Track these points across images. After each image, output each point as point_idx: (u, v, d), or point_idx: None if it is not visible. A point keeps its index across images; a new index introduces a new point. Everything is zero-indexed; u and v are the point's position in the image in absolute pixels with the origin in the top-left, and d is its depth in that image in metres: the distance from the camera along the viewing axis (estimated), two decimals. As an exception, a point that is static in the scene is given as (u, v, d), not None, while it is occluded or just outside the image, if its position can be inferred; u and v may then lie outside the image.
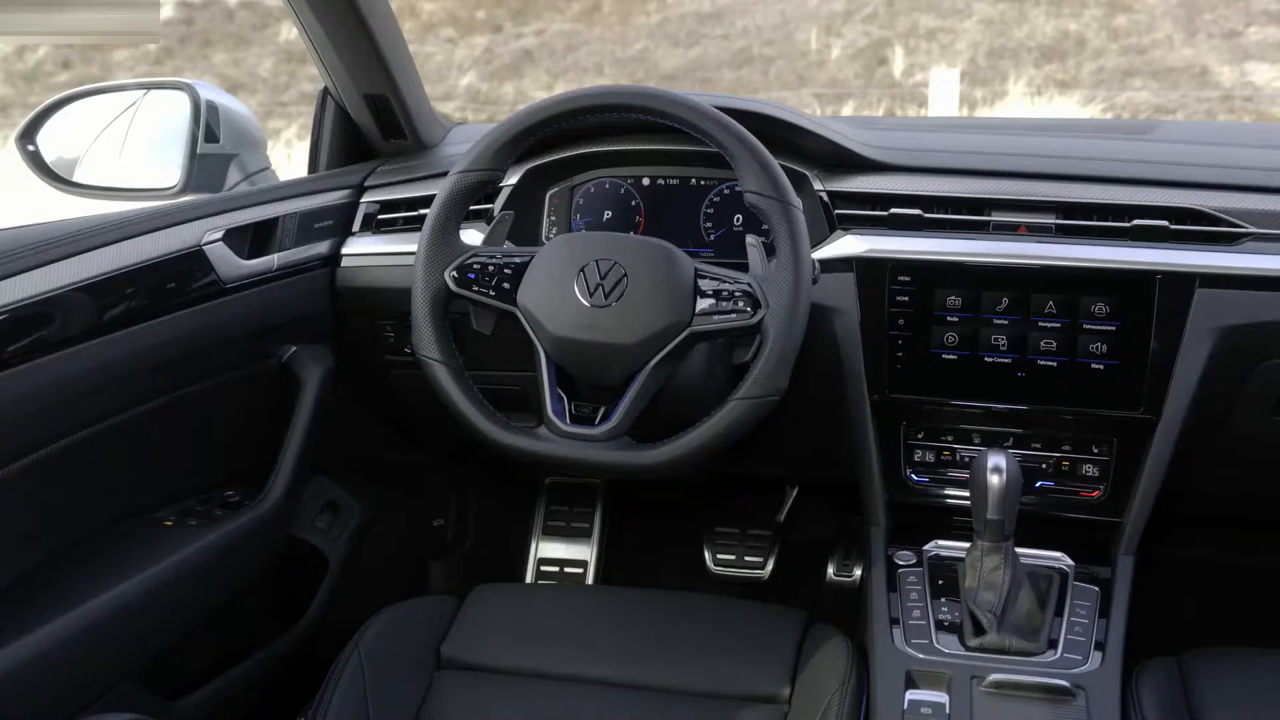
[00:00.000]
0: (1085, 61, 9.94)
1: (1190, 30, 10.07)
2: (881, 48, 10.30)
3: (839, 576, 2.09)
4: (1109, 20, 10.29)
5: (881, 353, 1.61)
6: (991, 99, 9.05)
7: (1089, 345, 1.55)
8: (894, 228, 1.60)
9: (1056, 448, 1.63)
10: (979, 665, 1.41)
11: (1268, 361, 1.54)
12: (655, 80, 10.22)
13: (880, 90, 9.66)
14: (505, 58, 11.23)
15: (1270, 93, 9.10)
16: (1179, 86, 9.37)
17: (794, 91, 9.74)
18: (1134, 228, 1.54)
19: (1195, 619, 1.97)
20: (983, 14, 10.41)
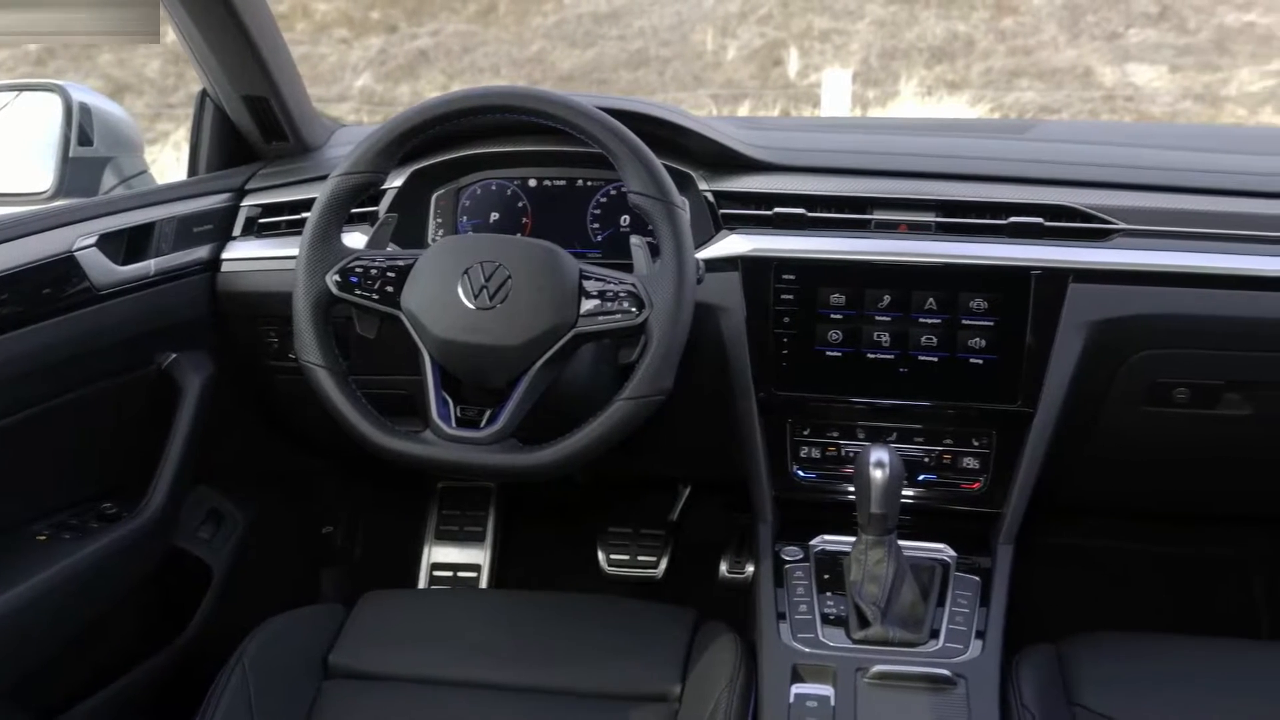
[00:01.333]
0: (974, 62, 10.14)
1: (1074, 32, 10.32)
2: (776, 49, 10.39)
3: (732, 574, 2.10)
4: (996, 22, 10.50)
5: (767, 350, 1.63)
6: (884, 99, 9.19)
7: (968, 340, 1.58)
8: (778, 227, 1.62)
9: (938, 441, 1.66)
10: (863, 657, 1.43)
11: (1137, 354, 1.59)
12: (553, 82, 10.18)
13: (776, 91, 9.75)
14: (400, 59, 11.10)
15: (1150, 92, 9.37)
16: (1064, 87, 9.60)
17: (690, 92, 9.78)
18: (1010, 225, 1.57)
19: (1075, 606, 2.02)
20: (875, 16, 10.56)
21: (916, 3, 10.80)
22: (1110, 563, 2.20)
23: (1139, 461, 1.75)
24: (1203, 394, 1.61)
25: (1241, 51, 9.69)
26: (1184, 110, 9.16)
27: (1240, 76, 9.35)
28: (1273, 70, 9.27)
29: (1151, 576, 2.18)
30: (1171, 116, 8.93)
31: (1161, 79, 9.69)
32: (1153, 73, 9.71)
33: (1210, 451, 1.70)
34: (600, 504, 2.31)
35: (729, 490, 1.74)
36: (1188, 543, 2.18)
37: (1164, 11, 10.40)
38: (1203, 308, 1.56)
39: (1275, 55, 9.38)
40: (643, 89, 10.14)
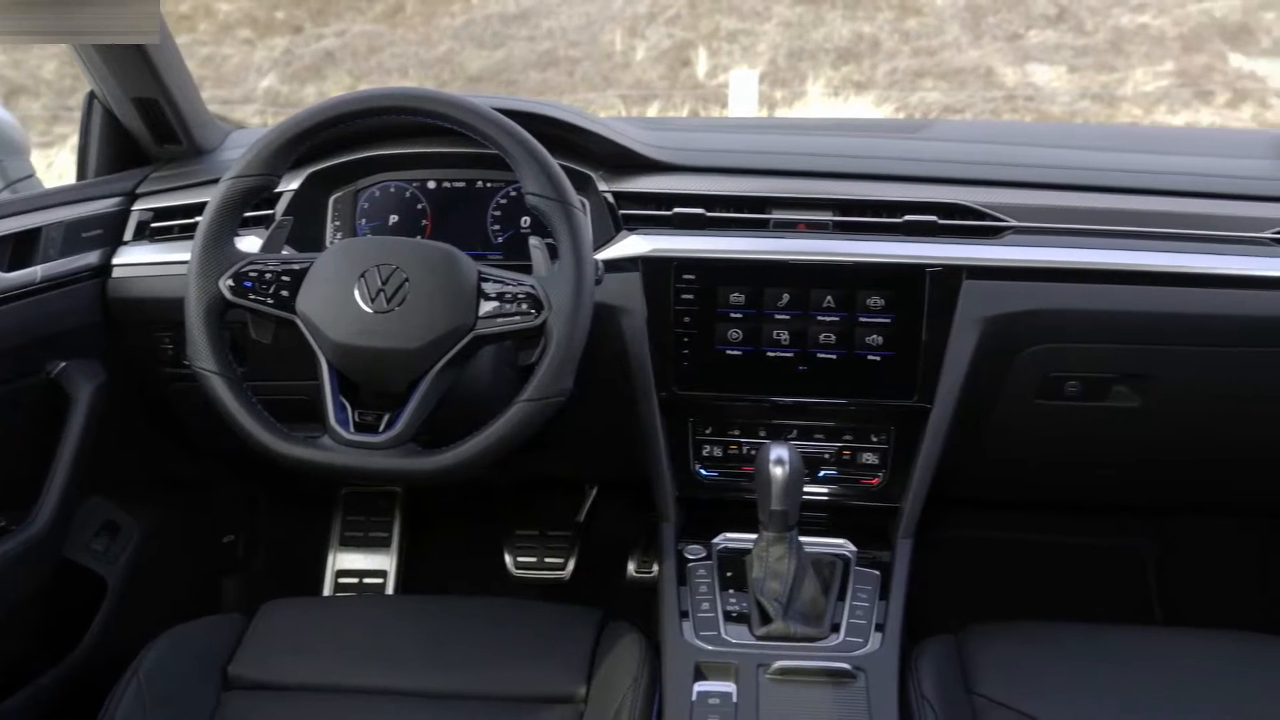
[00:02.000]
0: (880, 63, 10.27)
1: (976, 33, 10.50)
2: (685, 49, 10.43)
3: (639, 573, 2.11)
4: (900, 23, 10.65)
5: (668, 350, 1.63)
6: (791, 99, 9.27)
7: (866, 337, 1.61)
8: (678, 227, 1.63)
9: (838, 438, 1.69)
10: (765, 653, 1.44)
11: (1030, 349, 1.62)
12: (461, 83, 10.11)
13: (685, 91, 9.79)
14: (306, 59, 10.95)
15: (1049, 92, 9.57)
16: (967, 86, 9.76)
17: (600, 93, 9.79)
18: (906, 223, 1.60)
19: (975, 597, 2.06)
20: (781, 17, 10.65)
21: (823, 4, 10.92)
22: (1009, 553, 2.24)
23: (1034, 454, 1.79)
24: (1093, 387, 1.65)
25: (1136, 52, 9.94)
26: (1082, 109, 9.37)
27: (1135, 77, 9.59)
28: (1165, 71, 9.52)
29: (1049, 566, 2.23)
30: (1070, 116, 9.13)
31: (1060, 79, 9.90)
32: (1052, 73, 9.92)
33: (1101, 443, 1.75)
34: (508, 506, 2.30)
35: (636, 490, 1.74)
36: (1083, 532, 2.24)
37: (1062, 13, 10.62)
38: (1091, 302, 1.60)
39: (1168, 56, 9.63)
40: (552, 90, 10.12)
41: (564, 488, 2.28)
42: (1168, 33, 10.15)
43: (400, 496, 2.28)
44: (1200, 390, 1.66)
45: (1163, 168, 1.72)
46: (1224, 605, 2.19)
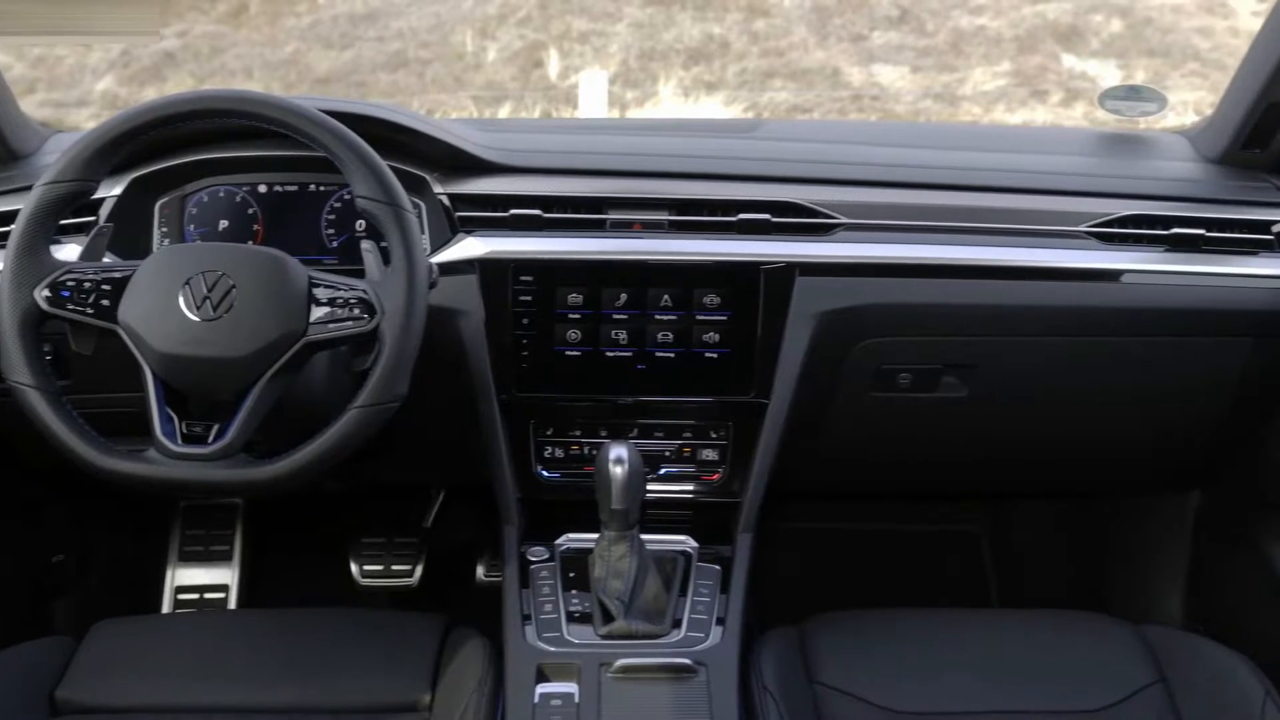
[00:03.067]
0: (730, 64, 10.36)
1: (822, 34, 10.67)
2: (536, 50, 10.38)
3: (489, 577, 2.10)
4: (749, 24, 10.77)
5: (507, 352, 1.63)
6: (643, 100, 9.31)
7: (703, 335, 1.63)
8: (515, 228, 1.62)
9: (678, 435, 1.70)
10: (607, 652, 1.45)
11: (862, 342, 1.66)
12: (309, 84, 9.89)
13: (537, 93, 9.74)
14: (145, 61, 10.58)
15: (894, 92, 9.78)
16: (815, 86, 9.92)
17: (451, 94, 9.68)
18: (740, 222, 1.62)
19: (820, 587, 2.10)
20: (632, 18, 10.67)
21: (673, 5, 10.97)
22: (851, 543, 2.29)
23: (870, 445, 1.83)
24: (923, 378, 1.70)
25: (975, 53, 10.22)
26: (925, 109, 9.60)
27: (974, 77, 9.86)
28: (1003, 71, 9.81)
29: (890, 554, 2.29)
30: (914, 115, 9.35)
31: (904, 79, 10.12)
32: (896, 73, 10.13)
33: (933, 432, 1.80)
34: (353, 514, 2.26)
35: (483, 493, 1.73)
36: (921, 520, 2.30)
37: (904, 15, 10.86)
38: (920, 296, 1.64)
39: (1004, 57, 9.93)
40: (402, 91, 9.96)
41: (410, 494, 2.26)
42: (1004, 34, 10.46)
43: (241, 508, 2.22)
44: (1022, 379, 1.73)
45: (987, 165, 1.78)
46: (1054, 584, 2.28)
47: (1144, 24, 10.16)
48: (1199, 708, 1.47)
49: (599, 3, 10.87)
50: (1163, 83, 9.24)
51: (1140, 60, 9.68)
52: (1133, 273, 1.66)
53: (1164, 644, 1.56)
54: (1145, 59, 9.69)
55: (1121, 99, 1.86)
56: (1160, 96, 1.86)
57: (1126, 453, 1.91)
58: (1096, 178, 1.76)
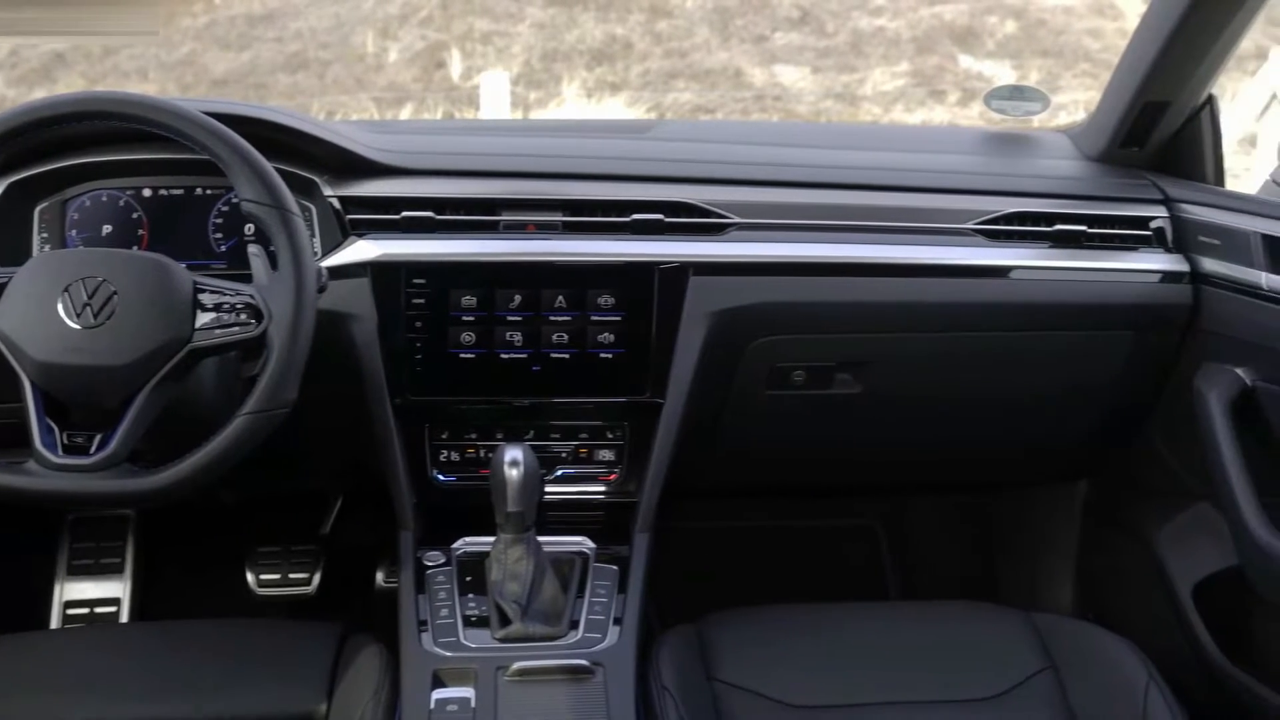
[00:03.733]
0: (633, 64, 10.38)
1: (725, 35, 10.74)
2: (438, 51, 10.30)
3: (388, 583, 2.07)
4: (652, 25, 10.80)
5: (400, 356, 1.62)
6: (546, 100, 9.29)
7: (597, 336, 1.63)
8: (407, 231, 1.61)
9: (574, 436, 1.70)
10: (504, 656, 1.44)
11: (756, 341, 1.68)
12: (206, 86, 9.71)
13: (439, 94, 9.67)
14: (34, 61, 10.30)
15: (796, 92, 9.88)
16: (717, 87, 9.98)
17: (352, 95, 9.57)
18: (633, 222, 1.63)
19: (721, 585, 2.11)
20: (535, 18, 10.65)
21: (575, 6, 10.96)
22: (751, 540, 2.31)
23: (766, 442, 1.85)
24: (817, 375, 1.73)
25: (874, 54, 10.37)
26: (826, 109, 9.72)
27: (874, 77, 10.00)
28: (902, 71, 9.96)
29: (790, 550, 2.32)
30: (816, 115, 9.45)
31: (805, 79, 10.23)
32: (797, 74, 10.24)
33: (828, 429, 1.82)
34: (249, 523, 2.22)
35: (381, 498, 1.71)
36: (820, 515, 2.33)
37: (805, 16, 10.98)
38: (812, 294, 1.66)
39: (903, 57, 10.09)
40: (302, 92, 9.83)
41: (307, 501, 2.23)
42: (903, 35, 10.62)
43: (133, 519, 2.17)
44: (914, 375, 1.76)
45: (877, 164, 1.81)
46: (950, 575, 2.33)
47: (1037, 25, 10.39)
48: (1086, 692, 1.51)
49: (501, 3, 10.82)
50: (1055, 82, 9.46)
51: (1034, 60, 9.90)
52: (1018, 269, 1.69)
53: (1052, 631, 1.60)
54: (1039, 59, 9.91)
55: (1007, 99, 1.90)
56: (1043, 96, 1.90)
57: (1018, 445, 1.96)
58: (983, 176, 1.79)
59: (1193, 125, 1.80)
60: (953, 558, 2.36)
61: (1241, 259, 1.63)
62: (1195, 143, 1.81)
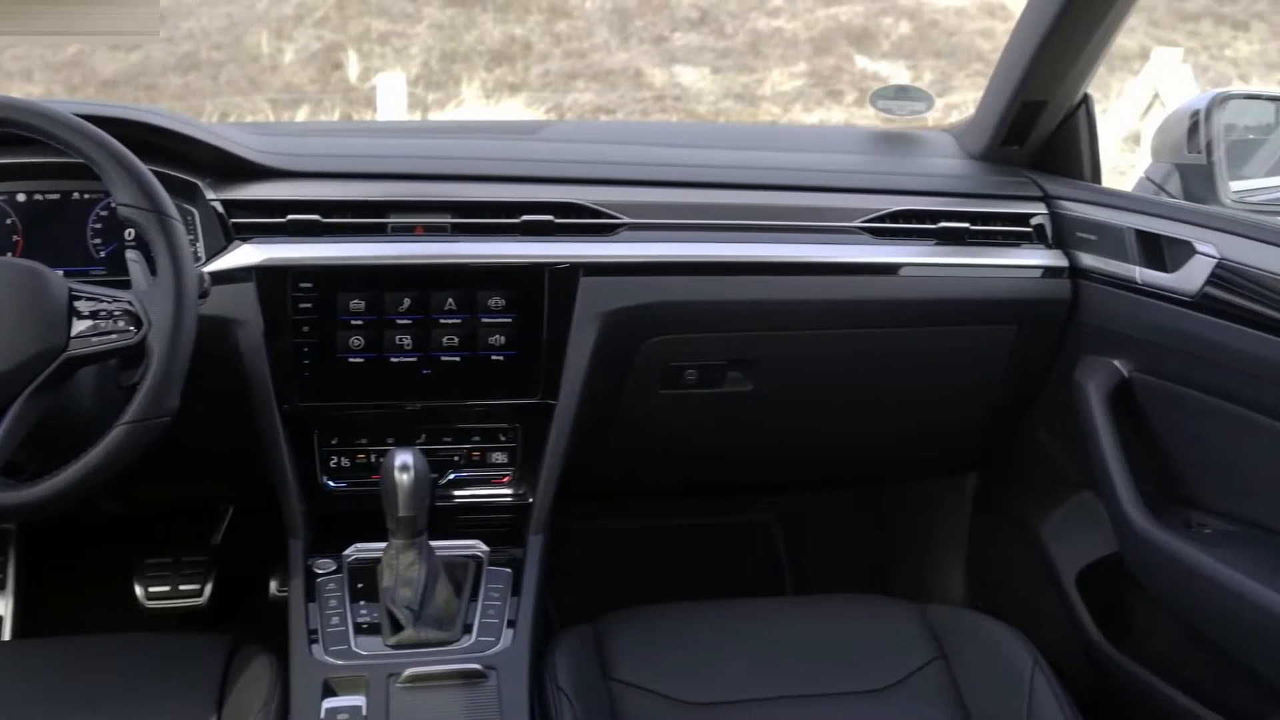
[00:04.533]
0: (532, 65, 10.36)
1: (624, 35, 10.76)
2: (335, 52, 10.18)
3: (281, 592, 2.04)
4: (551, 26, 10.78)
5: (287, 361, 1.59)
6: (445, 102, 9.24)
7: (488, 338, 1.62)
8: (293, 235, 1.58)
9: (467, 439, 1.69)
10: (396, 662, 1.42)
11: (649, 341, 1.68)
12: (95, 87, 9.48)
13: (336, 95, 9.56)
14: (-88, 63, 9.99)
15: (695, 92, 9.94)
16: (618, 88, 10.00)
17: (247, 97, 9.42)
18: (523, 223, 1.62)
19: (619, 585, 2.11)
20: (433, 19, 10.57)
21: (474, 6, 10.91)
22: (649, 540, 2.32)
23: (661, 441, 1.86)
24: (709, 374, 1.74)
25: (773, 54, 10.47)
26: (726, 109, 9.79)
27: (773, 77, 10.10)
28: (799, 71, 10.07)
29: (688, 548, 2.33)
30: (715, 115, 9.52)
31: (705, 80, 10.29)
32: (697, 74, 10.29)
33: (722, 427, 1.83)
34: (136, 534, 2.17)
35: (273, 506, 1.69)
36: (717, 512, 2.35)
37: (704, 17, 11.04)
38: (703, 294, 1.67)
39: (801, 58, 10.20)
40: (195, 94, 9.65)
41: (197, 509, 2.18)
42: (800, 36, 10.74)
43: (14, 534, 2.11)
44: (805, 372, 1.78)
45: (766, 163, 1.83)
46: (845, 569, 2.36)
47: (930, 26, 10.58)
48: (975, 681, 1.54)
49: (398, 4, 10.73)
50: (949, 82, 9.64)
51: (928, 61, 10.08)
52: (905, 266, 1.72)
53: (942, 622, 1.63)
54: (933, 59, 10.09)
55: (891, 99, 1.93)
56: (927, 96, 1.94)
57: (908, 440, 1.99)
58: (869, 175, 1.82)
59: (1070, 124, 1.85)
60: (848, 552, 2.39)
61: (1117, 254, 1.68)
62: (1072, 141, 1.85)
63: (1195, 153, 1.75)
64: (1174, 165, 1.79)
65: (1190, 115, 1.76)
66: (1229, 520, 1.57)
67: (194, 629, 2.07)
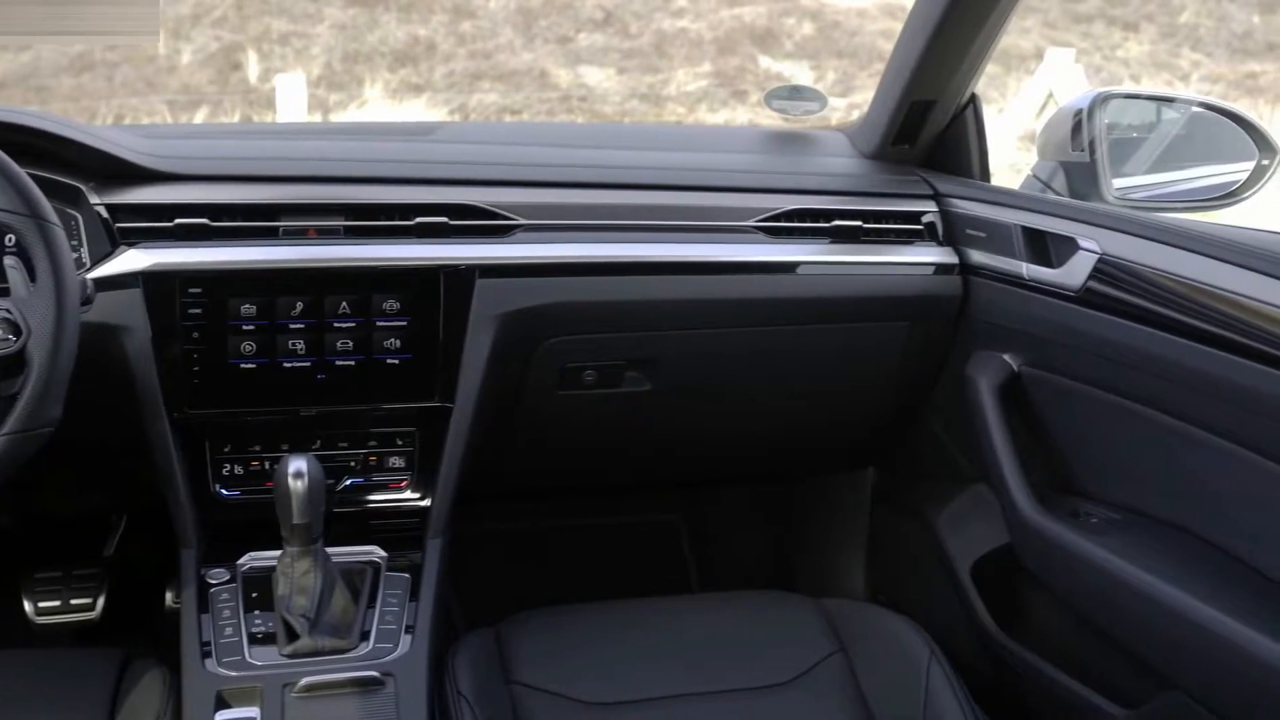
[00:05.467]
0: (437, 65, 10.28)
1: (529, 36, 10.73)
2: (234, 53, 10.01)
3: (177, 604, 2.00)
4: (455, 26, 10.71)
5: (177, 368, 1.56)
6: (348, 103, 9.13)
7: (384, 342, 1.60)
8: (181, 239, 1.55)
9: (363, 444, 1.67)
10: (291, 672, 1.41)
11: (546, 342, 1.68)
12: (-16, 89, 9.21)
13: (236, 96, 9.40)
14: None
15: (601, 93, 9.95)
16: (523, 88, 9.97)
17: (143, 98, 9.22)
18: (417, 225, 1.61)
19: (523, 588, 2.11)
20: (334, 19, 10.45)
21: (376, 6, 10.80)
22: (554, 541, 2.32)
23: (562, 443, 1.86)
24: (607, 374, 1.74)
25: (678, 55, 10.51)
26: (632, 109, 9.81)
27: (678, 78, 10.14)
28: (704, 72, 10.13)
29: (593, 549, 2.33)
30: (621, 115, 9.54)
31: (610, 80, 10.30)
32: (602, 74, 10.30)
33: (622, 427, 1.84)
34: (25, 548, 2.11)
35: (166, 516, 1.65)
36: (622, 512, 2.35)
37: (608, 17, 11.05)
38: (599, 294, 1.68)
39: (705, 58, 10.26)
40: (89, 95, 9.42)
41: (88, 521, 2.13)
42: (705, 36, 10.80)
43: None
44: (703, 371, 1.79)
45: (662, 164, 1.83)
46: (750, 566, 2.38)
47: (832, 27, 10.70)
48: (873, 672, 1.56)
49: (299, 4, 10.58)
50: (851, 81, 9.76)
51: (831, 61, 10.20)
52: (800, 264, 1.74)
53: (841, 616, 1.65)
54: (835, 60, 10.21)
55: (785, 99, 1.95)
56: (820, 96, 1.96)
57: (808, 436, 2.01)
58: (764, 174, 1.84)
59: (958, 123, 1.88)
60: (753, 549, 2.41)
61: (1005, 250, 1.71)
62: (961, 139, 1.89)
63: (1079, 151, 1.79)
64: (1059, 163, 1.84)
65: (1074, 114, 1.80)
66: (1114, 509, 1.61)
67: (87, 644, 2.02)
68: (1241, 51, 9.68)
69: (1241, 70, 9.35)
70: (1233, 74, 9.11)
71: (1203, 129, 1.84)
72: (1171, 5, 10.11)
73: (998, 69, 9.14)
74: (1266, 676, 1.27)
